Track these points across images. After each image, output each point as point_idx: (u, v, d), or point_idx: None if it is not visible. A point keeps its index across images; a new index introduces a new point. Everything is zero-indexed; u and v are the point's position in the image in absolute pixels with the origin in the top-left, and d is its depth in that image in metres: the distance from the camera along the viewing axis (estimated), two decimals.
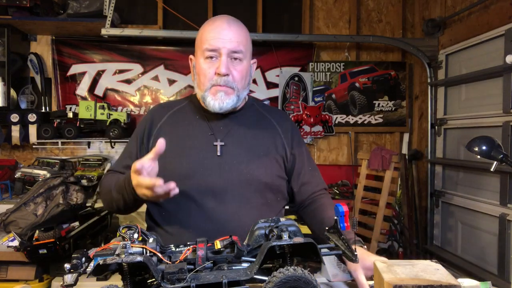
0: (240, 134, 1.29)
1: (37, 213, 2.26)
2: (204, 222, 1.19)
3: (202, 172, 1.22)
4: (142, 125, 1.34)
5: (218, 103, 1.23)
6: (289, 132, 1.36)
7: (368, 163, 3.17)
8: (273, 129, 1.35)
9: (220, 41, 1.21)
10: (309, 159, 1.38)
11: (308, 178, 1.34)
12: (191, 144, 1.26)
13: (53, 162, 2.92)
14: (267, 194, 1.26)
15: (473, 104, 2.72)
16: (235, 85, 1.24)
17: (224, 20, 1.25)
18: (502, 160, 1.35)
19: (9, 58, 2.93)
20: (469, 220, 2.71)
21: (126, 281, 0.79)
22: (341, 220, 0.88)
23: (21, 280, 2.23)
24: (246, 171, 1.24)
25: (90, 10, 2.99)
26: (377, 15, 3.57)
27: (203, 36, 1.24)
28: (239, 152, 1.26)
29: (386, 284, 0.78)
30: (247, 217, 1.20)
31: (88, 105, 3.03)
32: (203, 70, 1.24)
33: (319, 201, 1.31)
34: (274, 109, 1.50)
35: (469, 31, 2.71)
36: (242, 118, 1.33)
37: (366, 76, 3.50)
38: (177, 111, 1.35)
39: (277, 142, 1.32)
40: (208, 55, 1.22)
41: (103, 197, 1.28)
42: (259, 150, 1.28)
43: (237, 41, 1.22)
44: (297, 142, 1.36)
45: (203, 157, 1.23)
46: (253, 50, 1.38)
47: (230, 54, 1.22)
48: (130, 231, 0.83)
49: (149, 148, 1.28)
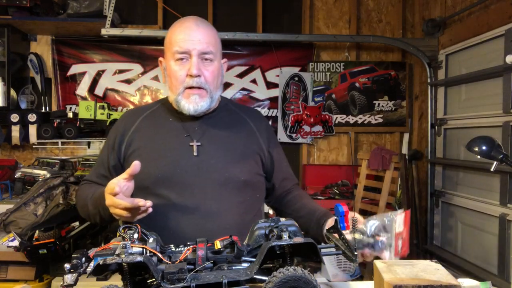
0: (216, 134, 1.29)
1: (37, 213, 2.26)
2: (185, 222, 1.19)
3: (179, 173, 1.21)
4: (113, 133, 1.33)
5: (193, 106, 1.23)
6: (264, 131, 1.39)
7: (368, 163, 3.17)
8: (248, 128, 1.36)
9: (190, 43, 1.21)
10: (284, 155, 1.46)
11: (286, 173, 1.43)
12: (167, 146, 1.25)
13: (53, 162, 2.92)
14: (246, 191, 1.27)
15: (473, 104, 2.71)
16: (208, 86, 1.24)
17: (192, 21, 1.25)
18: (502, 160, 1.35)
19: (9, 58, 2.93)
20: (469, 220, 2.71)
21: (126, 281, 0.79)
22: (341, 220, 0.88)
23: (21, 280, 2.23)
24: (224, 169, 1.24)
25: (90, 10, 2.99)
26: (377, 15, 3.57)
27: (172, 38, 1.24)
28: (216, 151, 1.26)
29: (386, 284, 0.78)
30: (227, 215, 1.21)
31: (88, 105, 3.03)
32: (174, 73, 1.23)
33: (295, 192, 1.41)
34: (249, 108, 1.51)
35: (469, 31, 2.71)
36: (217, 118, 1.33)
37: (366, 76, 3.50)
38: (149, 115, 1.34)
39: (253, 140, 1.34)
40: (178, 57, 1.22)
41: (79, 208, 1.28)
42: (236, 149, 1.29)
43: (206, 42, 1.22)
44: (273, 140, 1.42)
45: (180, 158, 1.23)
46: (253, 50, 1.38)
47: (200, 55, 1.22)
48: (130, 231, 0.83)
49: (122, 154, 1.28)
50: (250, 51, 3.39)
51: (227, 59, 1.40)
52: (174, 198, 1.20)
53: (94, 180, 1.31)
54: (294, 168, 3.54)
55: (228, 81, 3.42)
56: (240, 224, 1.22)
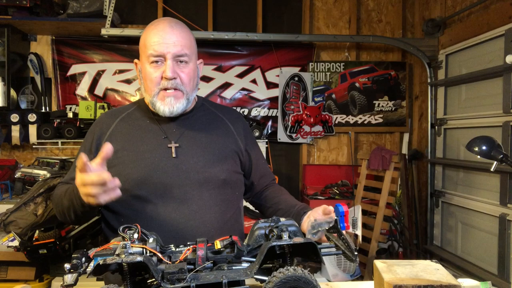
0: (193, 135, 1.30)
1: (37, 213, 2.26)
2: (166, 223, 1.19)
3: (159, 174, 1.21)
4: (90, 136, 1.32)
5: (168, 108, 1.23)
6: (241, 130, 1.40)
7: (368, 163, 3.18)
8: (226, 128, 1.37)
9: (164, 46, 1.20)
10: (261, 153, 1.50)
11: (264, 170, 1.47)
12: (145, 148, 1.25)
13: (53, 162, 2.92)
14: (225, 190, 1.29)
15: (473, 104, 2.71)
16: (184, 88, 1.24)
17: (166, 23, 1.24)
18: (502, 160, 1.35)
19: (9, 58, 2.94)
20: (469, 220, 2.71)
21: (126, 281, 0.79)
22: (341, 220, 0.88)
23: (21, 280, 2.23)
24: (204, 169, 1.24)
25: (90, 10, 2.99)
26: (377, 15, 3.57)
27: (147, 41, 1.23)
28: (195, 151, 1.26)
29: (386, 284, 0.78)
30: (208, 214, 1.22)
31: (88, 105, 3.03)
32: (149, 75, 1.23)
33: (272, 187, 1.46)
34: (226, 108, 1.50)
35: (469, 31, 2.71)
36: (194, 119, 1.34)
37: (366, 76, 3.50)
38: (126, 117, 1.34)
39: (230, 139, 1.35)
40: (153, 60, 1.22)
41: (55, 208, 1.27)
42: (214, 148, 1.30)
43: (181, 44, 1.22)
44: (250, 139, 1.44)
45: (159, 160, 1.23)
46: (253, 50, 1.38)
47: (175, 58, 1.22)
48: (130, 231, 0.83)
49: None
50: (250, 51, 3.39)
51: (203, 60, 1.40)
52: (154, 199, 1.20)
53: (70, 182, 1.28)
54: (294, 168, 3.55)
55: (228, 81, 3.42)
56: (221, 221, 1.25)
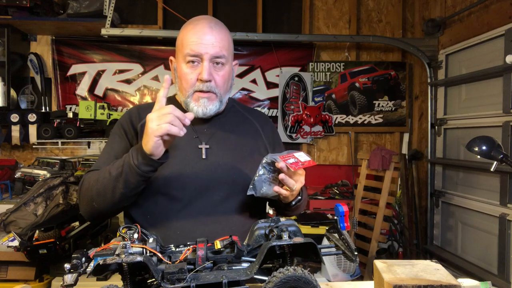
0: (224, 136, 1.29)
1: (37, 213, 2.26)
2: (192, 223, 1.18)
3: (188, 173, 1.20)
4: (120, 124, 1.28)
5: (202, 109, 1.22)
6: (270, 133, 1.40)
7: (368, 163, 3.17)
8: (255, 131, 1.37)
9: (202, 47, 1.18)
10: None
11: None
12: (176, 145, 1.23)
13: (53, 162, 2.92)
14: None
15: (473, 104, 2.71)
16: (218, 90, 1.23)
17: (206, 23, 1.22)
18: (502, 160, 1.35)
19: (9, 58, 2.94)
20: (469, 220, 2.71)
21: (126, 281, 0.79)
22: (341, 220, 0.88)
23: (21, 280, 2.23)
24: (232, 171, 1.24)
25: (90, 10, 2.99)
26: (377, 15, 3.57)
27: (184, 40, 1.22)
28: (224, 153, 1.26)
29: (386, 284, 0.78)
30: (235, 216, 1.22)
31: (88, 105, 3.03)
32: (184, 75, 1.22)
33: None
34: (255, 110, 1.50)
35: (469, 31, 2.71)
36: (224, 120, 1.33)
37: (366, 76, 3.50)
38: None
39: (259, 143, 1.35)
40: (189, 60, 1.20)
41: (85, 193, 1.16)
42: (243, 151, 1.29)
43: (219, 46, 1.20)
44: (278, 143, 1.43)
45: (189, 159, 1.23)
46: (253, 50, 1.38)
47: (212, 59, 1.20)
48: (130, 231, 0.82)
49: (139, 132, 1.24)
50: (250, 51, 3.39)
51: (237, 61, 1.38)
52: (182, 198, 1.19)
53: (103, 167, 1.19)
54: None
55: None
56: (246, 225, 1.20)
